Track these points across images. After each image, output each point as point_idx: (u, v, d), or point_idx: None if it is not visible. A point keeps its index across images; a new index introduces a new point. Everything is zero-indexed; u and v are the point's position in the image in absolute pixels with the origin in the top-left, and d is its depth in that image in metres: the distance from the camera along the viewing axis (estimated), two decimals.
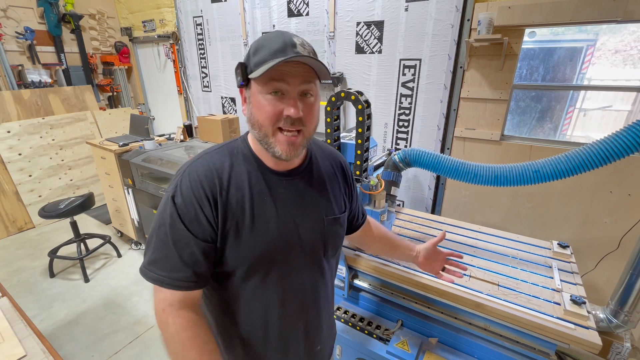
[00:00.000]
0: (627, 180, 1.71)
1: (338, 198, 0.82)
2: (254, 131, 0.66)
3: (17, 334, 1.03)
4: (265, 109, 0.62)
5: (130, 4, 3.91)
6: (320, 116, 0.71)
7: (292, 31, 2.59)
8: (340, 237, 0.84)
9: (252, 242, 0.68)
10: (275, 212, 0.70)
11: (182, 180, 0.66)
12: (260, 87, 0.62)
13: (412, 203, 2.42)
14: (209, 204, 0.64)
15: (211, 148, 0.72)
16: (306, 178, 0.76)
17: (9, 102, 3.25)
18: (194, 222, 0.64)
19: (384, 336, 1.27)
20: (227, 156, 0.70)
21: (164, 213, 0.65)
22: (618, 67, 2.19)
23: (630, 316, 1.15)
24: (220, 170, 0.67)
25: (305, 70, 0.62)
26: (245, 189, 0.67)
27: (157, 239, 0.65)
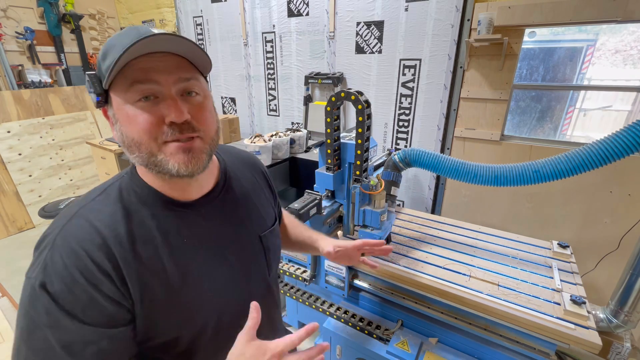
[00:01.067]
0: (627, 180, 1.71)
1: (267, 208, 0.72)
2: (134, 155, 0.50)
3: None
4: (137, 120, 0.47)
5: (130, 4, 3.91)
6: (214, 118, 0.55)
7: (292, 31, 2.61)
8: (279, 247, 0.76)
9: (190, 300, 0.54)
10: (207, 253, 0.57)
11: (52, 258, 0.45)
12: (123, 96, 0.47)
13: (412, 203, 2.42)
14: (108, 278, 0.46)
15: (86, 198, 0.52)
16: (228, 198, 0.63)
17: (9, 102, 3.25)
18: (90, 310, 0.45)
19: (384, 336, 1.27)
20: (115, 203, 0.51)
21: (32, 311, 0.45)
22: (618, 67, 2.19)
23: (630, 316, 1.15)
24: (113, 225, 0.49)
25: (177, 62, 0.49)
26: (157, 239, 0.52)
27: (31, 351, 0.44)
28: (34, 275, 0.46)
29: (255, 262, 0.66)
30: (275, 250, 0.72)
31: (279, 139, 2.30)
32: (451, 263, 1.29)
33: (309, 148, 1.35)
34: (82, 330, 0.45)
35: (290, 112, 2.88)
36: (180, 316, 0.53)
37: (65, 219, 0.50)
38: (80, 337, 0.45)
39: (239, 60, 3.03)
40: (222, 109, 3.37)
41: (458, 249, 1.39)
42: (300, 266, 1.55)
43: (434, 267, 1.26)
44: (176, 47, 0.48)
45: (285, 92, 2.84)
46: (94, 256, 0.46)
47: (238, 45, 2.98)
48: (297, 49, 2.63)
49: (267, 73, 2.90)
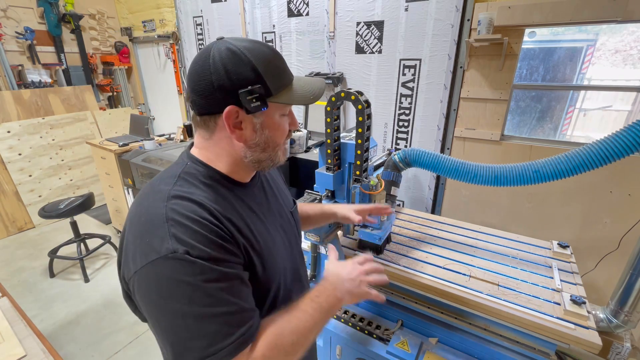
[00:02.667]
0: (627, 180, 1.71)
1: (287, 190, 0.88)
2: (263, 154, 0.63)
3: (17, 334, 1.04)
4: (281, 128, 0.64)
5: (130, 4, 3.91)
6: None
7: (292, 31, 2.61)
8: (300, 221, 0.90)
9: (272, 263, 0.66)
10: (269, 224, 0.70)
11: (178, 231, 0.51)
12: (280, 111, 0.62)
13: (412, 203, 2.42)
14: (227, 235, 0.55)
15: (164, 183, 0.58)
16: (264, 181, 0.77)
17: (9, 102, 3.25)
18: (232, 258, 0.55)
19: (384, 336, 1.27)
20: (197, 185, 0.59)
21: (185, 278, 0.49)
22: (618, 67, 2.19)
23: (630, 316, 1.15)
24: (207, 200, 0.57)
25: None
26: (242, 213, 0.62)
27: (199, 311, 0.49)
28: (166, 251, 0.49)
29: (293, 232, 0.80)
30: (300, 224, 0.87)
31: None
32: (451, 263, 1.29)
33: (309, 148, 1.36)
34: (232, 275, 0.54)
35: None
36: (265, 275, 0.63)
37: (162, 201, 0.54)
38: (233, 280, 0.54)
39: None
40: None
41: (458, 249, 1.39)
42: None
43: (434, 267, 1.26)
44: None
45: None
46: (211, 221, 0.54)
47: None
48: (297, 49, 2.63)
49: None
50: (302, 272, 0.84)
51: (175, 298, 0.49)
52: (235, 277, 0.54)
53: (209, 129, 0.60)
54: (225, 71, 0.54)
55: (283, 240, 0.73)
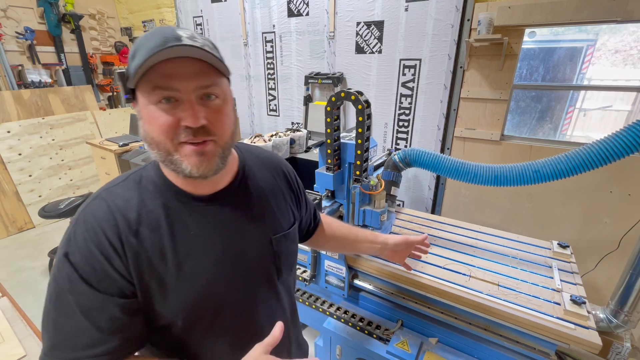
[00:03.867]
0: (627, 180, 1.71)
1: (284, 210, 0.71)
2: (154, 152, 0.53)
3: (17, 334, 1.03)
4: (157, 121, 0.50)
5: (130, 4, 3.91)
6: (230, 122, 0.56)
7: (292, 31, 2.60)
8: (294, 253, 0.74)
9: (184, 291, 0.55)
10: (207, 247, 0.58)
11: (75, 232, 0.52)
12: (146, 96, 0.50)
13: (412, 203, 2.42)
14: (117, 254, 0.51)
15: (112, 182, 0.58)
16: (242, 196, 0.64)
17: (9, 102, 3.25)
18: (104, 280, 0.50)
19: (384, 336, 1.27)
20: (133, 190, 0.56)
21: (59, 277, 0.51)
22: (618, 67, 2.19)
23: (630, 316, 1.15)
24: (125, 209, 0.53)
25: (199, 67, 0.50)
26: (162, 228, 0.55)
27: (56, 313, 0.50)
28: (61, 246, 0.52)
29: (262, 263, 0.65)
30: (288, 255, 0.70)
31: (278, 139, 2.30)
32: (451, 263, 1.29)
33: (309, 148, 1.35)
34: (96, 297, 0.50)
35: (290, 112, 2.88)
36: (174, 304, 0.55)
37: (90, 199, 0.55)
38: (95, 303, 0.50)
39: (239, 60, 3.03)
40: None
41: (458, 249, 1.39)
42: (300, 266, 1.55)
43: (434, 267, 1.26)
44: (196, 54, 0.49)
45: (285, 92, 2.84)
46: (108, 234, 0.51)
47: (238, 45, 2.98)
48: (297, 49, 2.63)
49: (267, 73, 2.90)
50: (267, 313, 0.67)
51: (50, 290, 0.52)
52: (99, 299, 0.50)
53: None
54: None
55: (232, 271, 0.60)
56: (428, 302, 1.23)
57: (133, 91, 0.52)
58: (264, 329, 0.63)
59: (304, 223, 0.83)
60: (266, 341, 0.55)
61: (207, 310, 0.58)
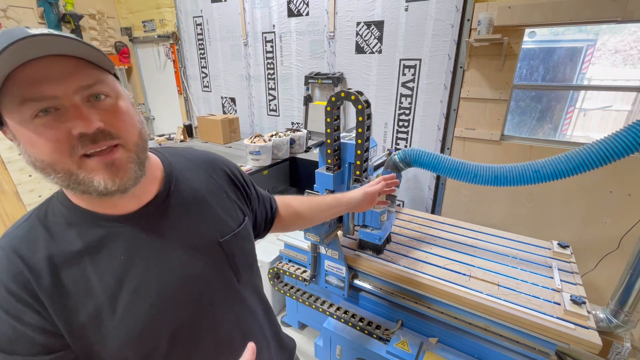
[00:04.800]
0: (627, 180, 1.71)
1: (230, 210, 0.65)
2: (51, 177, 0.44)
3: None
4: (41, 140, 0.41)
5: (130, 4, 3.91)
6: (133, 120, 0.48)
7: (292, 31, 2.60)
8: (250, 251, 0.68)
9: (126, 323, 0.48)
10: (144, 268, 0.50)
11: None
12: (17, 116, 0.40)
13: (412, 203, 2.42)
14: (28, 306, 0.43)
15: (13, 226, 0.50)
16: (174, 205, 0.56)
17: None
18: (18, 342, 0.43)
19: (384, 336, 1.27)
20: (37, 228, 0.48)
21: None
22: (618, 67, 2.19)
23: (630, 316, 1.15)
24: (31, 253, 0.45)
25: (74, 64, 0.41)
26: (84, 261, 0.47)
27: None
28: None
29: (215, 270, 0.59)
30: (243, 255, 0.64)
31: (279, 139, 2.30)
32: (451, 263, 1.29)
33: (309, 148, 1.35)
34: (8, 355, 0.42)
35: (290, 112, 2.88)
36: (120, 339, 0.48)
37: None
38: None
39: (239, 60, 3.03)
40: (222, 108, 3.38)
41: (458, 249, 1.39)
42: (300, 266, 1.55)
43: (434, 267, 1.26)
44: (64, 48, 0.40)
45: (285, 92, 2.84)
46: (10, 287, 0.43)
47: (238, 45, 2.98)
48: (297, 49, 2.63)
49: (267, 73, 2.90)
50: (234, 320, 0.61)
51: None
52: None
53: None
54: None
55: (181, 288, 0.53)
56: (428, 302, 1.23)
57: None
58: (233, 338, 0.60)
59: (260, 216, 0.77)
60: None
61: (160, 336, 0.51)
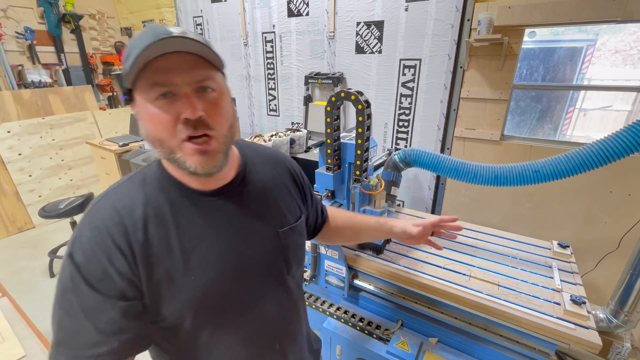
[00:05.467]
0: (627, 180, 1.71)
1: (290, 205, 0.71)
2: (157, 150, 0.53)
3: (17, 334, 1.04)
4: (157, 118, 0.50)
5: (130, 4, 3.91)
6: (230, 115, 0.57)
7: (292, 31, 2.60)
8: (302, 246, 0.74)
9: (191, 286, 0.55)
10: (213, 241, 0.58)
11: (81, 233, 0.52)
12: (144, 95, 0.50)
13: (412, 203, 2.42)
14: (122, 254, 0.51)
15: (117, 183, 0.59)
16: (246, 190, 0.64)
17: (9, 102, 3.25)
18: (103, 282, 0.50)
19: (384, 336, 1.27)
20: (138, 188, 0.56)
21: (63, 277, 0.51)
22: (618, 67, 2.19)
23: (630, 316, 1.15)
24: (131, 207, 0.54)
25: (193, 60, 0.51)
26: (169, 223, 0.55)
27: (61, 311, 0.51)
28: (68, 246, 0.53)
29: (269, 257, 0.65)
30: (296, 249, 0.70)
31: (279, 139, 2.30)
32: (451, 263, 1.29)
33: (309, 148, 1.35)
34: (96, 298, 0.50)
35: (290, 112, 2.88)
36: (184, 298, 0.55)
37: (96, 200, 0.56)
38: (94, 304, 0.50)
39: (239, 60, 3.03)
40: None
41: (458, 249, 1.39)
42: None
43: (434, 267, 1.26)
44: (190, 47, 0.49)
45: (285, 92, 2.84)
46: (112, 233, 0.52)
47: (238, 45, 2.98)
48: (297, 49, 2.63)
49: (267, 73, 2.90)
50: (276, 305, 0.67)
51: (57, 288, 0.53)
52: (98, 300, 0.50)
53: None
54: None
55: (239, 264, 0.61)
56: (428, 302, 1.23)
57: (130, 92, 0.52)
58: (273, 324, 0.66)
59: (311, 218, 0.83)
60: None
61: (214, 304, 0.58)
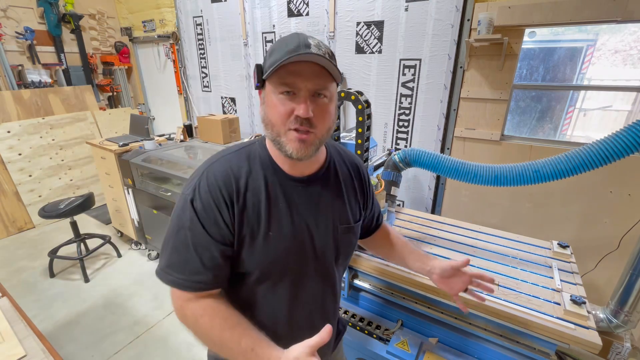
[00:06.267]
0: (627, 180, 1.71)
1: (353, 206, 0.82)
2: (268, 131, 0.67)
3: (17, 334, 1.03)
4: (277, 108, 0.63)
5: (130, 4, 3.91)
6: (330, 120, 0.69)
7: (292, 31, 2.60)
8: (353, 245, 0.84)
9: (266, 249, 0.68)
10: (290, 219, 0.70)
11: (200, 184, 0.66)
12: (273, 87, 0.63)
13: (412, 203, 2.42)
14: (227, 208, 0.65)
15: (229, 149, 0.73)
16: (323, 184, 0.75)
17: (9, 102, 3.25)
18: (213, 227, 0.65)
19: (384, 336, 1.27)
20: (244, 160, 0.70)
21: (182, 216, 0.65)
22: (618, 67, 2.19)
23: (630, 316, 1.15)
24: (238, 174, 0.67)
25: (318, 70, 0.62)
26: (262, 195, 0.68)
27: (176, 241, 0.66)
28: (187, 192, 0.66)
29: (327, 245, 0.76)
30: (347, 246, 0.81)
31: None
32: None
33: None
34: (206, 238, 0.65)
35: None
36: (257, 257, 0.68)
37: (214, 159, 0.70)
38: (204, 243, 0.65)
39: (239, 60, 3.03)
40: (222, 109, 3.38)
41: (458, 249, 1.39)
42: None
43: None
44: (318, 60, 0.60)
45: None
46: (224, 190, 0.65)
47: (238, 45, 2.98)
48: None
49: None
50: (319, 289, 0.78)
51: (173, 223, 0.67)
52: (207, 240, 0.65)
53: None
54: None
55: (302, 245, 0.72)
56: (428, 302, 1.23)
57: (264, 82, 0.65)
58: (315, 300, 0.78)
59: (366, 222, 0.93)
60: (313, 341, 0.58)
61: (278, 268, 0.70)
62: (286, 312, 0.74)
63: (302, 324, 0.77)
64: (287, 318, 0.75)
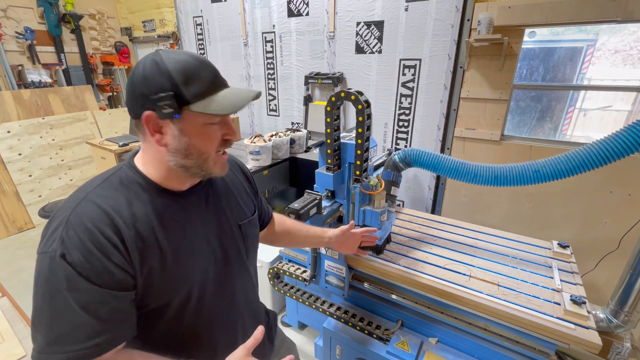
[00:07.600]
0: (627, 180, 1.71)
1: (246, 201, 0.84)
2: (186, 160, 0.62)
3: (17, 334, 1.03)
4: (209, 137, 0.62)
5: (130, 4, 3.91)
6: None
7: (292, 31, 2.61)
8: (257, 236, 0.88)
9: (181, 269, 0.64)
10: (193, 234, 0.68)
11: (67, 234, 0.54)
12: (205, 119, 0.61)
13: (412, 203, 2.42)
14: (116, 249, 0.56)
15: (89, 186, 0.62)
16: (212, 190, 0.75)
17: (9, 102, 3.25)
18: (102, 276, 0.55)
19: (384, 336, 1.27)
20: (117, 190, 0.61)
21: (52, 278, 0.53)
22: (618, 67, 2.19)
23: (630, 316, 1.15)
24: (116, 207, 0.59)
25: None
26: (154, 222, 0.62)
27: (53, 310, 0.54)
28: (51, 249, 0.54)
29: (234, 246, 0.77)
30: (252, 238, 0.83)
31: (279, 139, 2.30)
32: (451, 263, 1.29)
33: (309, 148, 1.35)
34: (96, 292, 0.55)
35: (290, 112, 2.88)
36: (170, 285, 0.64)
37: (74, 202, 0.58)
38: (95, 298, 0.55)
39: (239, 60, 3.03)
40: None
41: (458, 249, 1.39)
42: (301, 266, 1.55)
43: (434, 267, 1.26)
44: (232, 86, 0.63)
45: (285, 92, 2.84)
46: (105, 232, 0.56)
47: (238, 45, 2.98)
48: (297, 49, 2.63)
49: (267, 73, 2.90)
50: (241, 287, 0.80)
51: (42, 290, 0.55)
52: (98, 294, 0.55)
53: (141, 132, 0.64)
54: (144, 79, 0.58)
55: (213, 252, 0.71)
56: (428, 302, 1.23)
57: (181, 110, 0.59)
58: (239, 298, 0.79)
59: (260, 213, 0.95)
60: (249, 343, 0.63)
61: (196, 287, 0.67)
62: (218, 319, 0.74)
63: (233, 325, 0.79)
64: (219, 325, 0.75)
